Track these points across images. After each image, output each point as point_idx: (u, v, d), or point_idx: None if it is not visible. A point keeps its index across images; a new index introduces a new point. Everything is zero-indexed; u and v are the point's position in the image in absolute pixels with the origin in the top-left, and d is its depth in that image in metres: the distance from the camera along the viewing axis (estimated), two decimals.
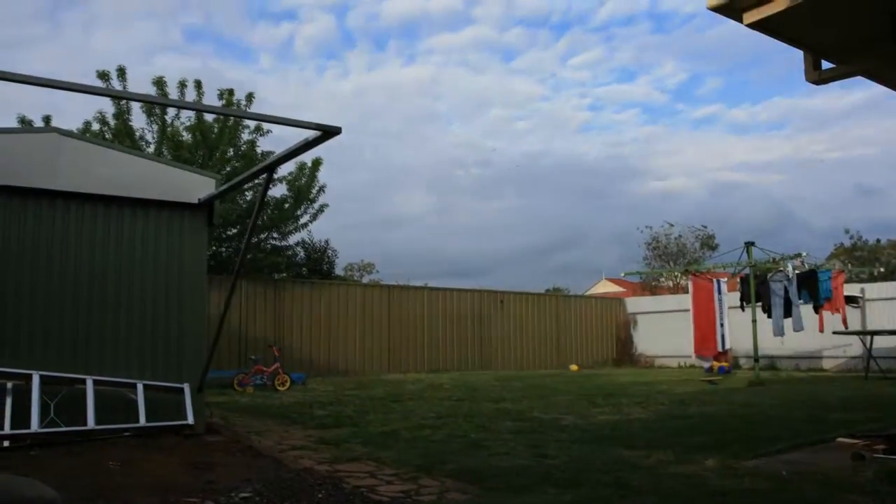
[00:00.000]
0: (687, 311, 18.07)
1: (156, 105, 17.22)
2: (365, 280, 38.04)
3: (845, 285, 17.33)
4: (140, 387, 7.37)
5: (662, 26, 70.62)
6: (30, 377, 6.82)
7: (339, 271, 24.58)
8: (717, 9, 4.93)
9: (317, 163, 18.32)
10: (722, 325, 16.86)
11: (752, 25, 4.95)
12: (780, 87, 70.91)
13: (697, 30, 68.90)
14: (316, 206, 18.71)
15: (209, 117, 17.53)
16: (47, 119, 16.63)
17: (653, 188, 67.69)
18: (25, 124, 16.23)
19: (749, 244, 15.83)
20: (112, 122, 17.02)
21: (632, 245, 65.27)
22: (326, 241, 22.26)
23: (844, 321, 16.81)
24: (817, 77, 5.60)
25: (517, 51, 72.88)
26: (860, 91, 65.84)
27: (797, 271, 15.85)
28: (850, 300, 18.68)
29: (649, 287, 40.18)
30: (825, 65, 5.66)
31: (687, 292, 19.64)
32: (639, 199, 65.40)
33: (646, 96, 72.14)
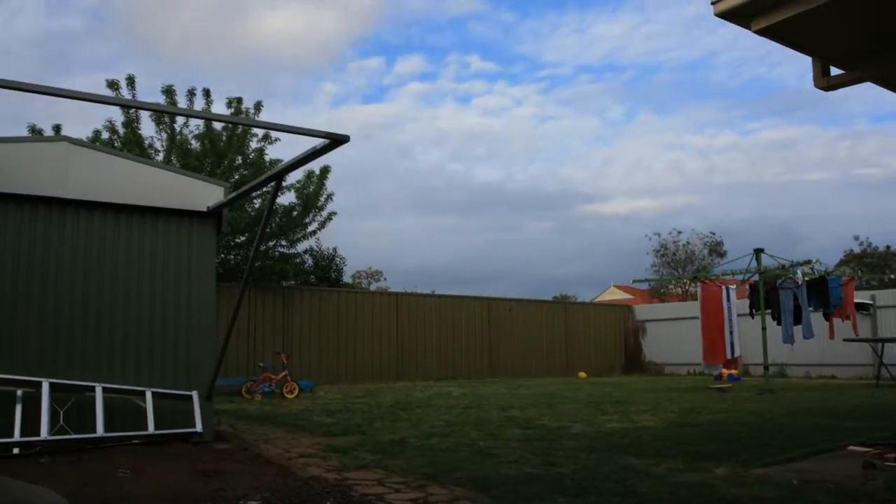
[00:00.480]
0: (696, 318, 17.99)
1: (165, 113, 17.31)
2: (373, 287, 38.05)
3: (856, 292, 17.23)
4: (149, 394, 7.40)
5: (600, 77, 77.62)
6: (39, 384, 6.85)
7: (346, 279, 24.57)
8: (724, 15, 4.93)
9: (325, 171, 18.35)
10: (731, 332, 16.76)
11: (761, 32, 4.95)
12: (719, 123, 75.58)
13: (633, 79, 74.31)
14: (324, 213, 18.73)
15: (218, 125, 17.60)
16: (57, 128, 16.72)
17: (614, 208, 73.09)
18: (35, 133, 16.32)
19: (758, 251, 15.76)
20: (121, 131, 17.11)
21: (608, 259, 67.17)
22: (334, 249, 22.30)
23: (855, 328, 16.69)
24: (826, 83, 5.60)
25: (473, 94, 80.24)
26: (784, 128, 71.19)
27: (807, 278, 15.77)
28: (861, 307, 18.57)
29: (658, 294, 40.08)
30: (834, 71, 5.66)
31: (696, 299, 19.56)
32: (607, 218, 70.18)
33: (594, 129, 77.70)
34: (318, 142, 5.55)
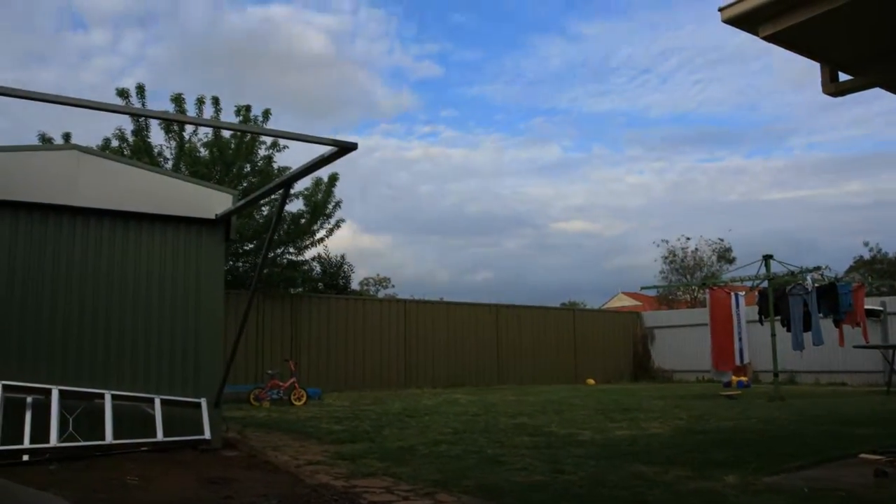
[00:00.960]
0: (705, 324, 17.93)
1: (174, 122, 17.40)
2: (381, 295, 38.07)
3: (866, 298, 17.13)
4: (157, 401, 7.41)
5: (552, 120, 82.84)
6: (49, 391, 6.88)
7: (354, 286, 24.61)
8: (732, 22, 4.93)
9: (333, 178, 18.40)
10: (740, 338, 16.69)
11: (768, 38, 4.95)
12: (667, 151, 78.95)
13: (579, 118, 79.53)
14: (332, 221, 18.77)
15: (226, 133, 17.67)
16: (67, 136, 16.83)
17: (583, 226, 76.01)
18: (46, 141, 16.42)
19: (767, 257, 15.70)
20: (131, 139, 17.20)
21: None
22: (342, 256, 22.35)
23: (865, 335, 16.59)
24: (834, 89, 5.58)
25: (439, 132, 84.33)
26: (734, 158, 74.24)
27: (816, 284, 15.70)
28: (871, 314, 18.45)
29: (666, 301, 39.94)
30: (842, 77, 5.64)
31: (704, 306, 19.49)
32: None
33: (555, 157, 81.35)
34: (326, 149, 5.56)
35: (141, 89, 17.18)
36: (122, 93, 17.00)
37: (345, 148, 5.40)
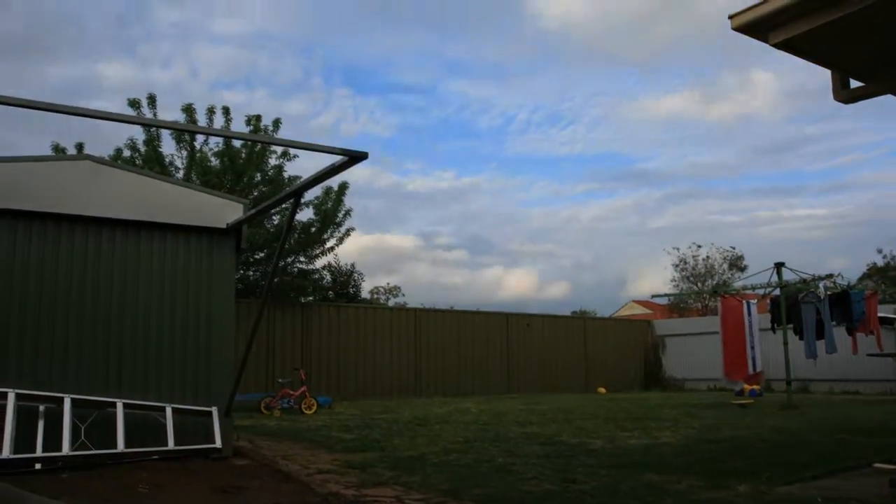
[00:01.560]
0: (716, 333, 17.83)
1: (185, 132, 17.51)
2: (391, 303, 38.10)
3: (879, 306, 16.98)
4: (169, 410, 7.44)
5: (502, 166, 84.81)
6: (61, 400, 6.92)
7: (364, 294, 24.65)
8: (742, 29, 4.92)
9: (343, 187, 18.47)
10: (753, 347, 16.56)
11: (779, 45, 4.93)
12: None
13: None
14: (342, 229, 18.83)
15: (237, 143, 17.78)
16: (80, 146, 16.98)
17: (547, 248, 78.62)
18: (59, 152, 16.57)
19: (779, 265, 15.61)
20: (143, 149, 17.32)
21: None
22: (352, 265, 22.39)
23: (879, 343, 16.44)
24: (845, 96, 5.55)
25: (409, 171, 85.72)
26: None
27: (829, 292, 15.58)
28: (885, 321, 18.29)
29: (678, 309, 39.77)
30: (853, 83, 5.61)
31: (716, 314, 19.39)
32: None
33: (516, 188, 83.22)
34: (336, 159, 5.58)
35: (152, 100, 17.32)
36: (134, 103, 17.14)
37: (354, 157, 5.41)
